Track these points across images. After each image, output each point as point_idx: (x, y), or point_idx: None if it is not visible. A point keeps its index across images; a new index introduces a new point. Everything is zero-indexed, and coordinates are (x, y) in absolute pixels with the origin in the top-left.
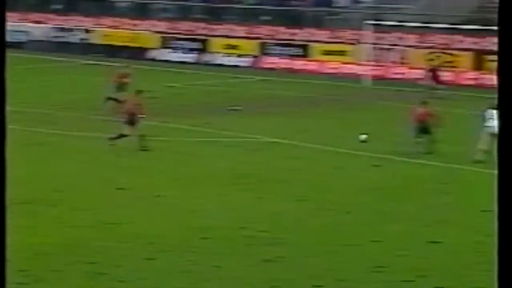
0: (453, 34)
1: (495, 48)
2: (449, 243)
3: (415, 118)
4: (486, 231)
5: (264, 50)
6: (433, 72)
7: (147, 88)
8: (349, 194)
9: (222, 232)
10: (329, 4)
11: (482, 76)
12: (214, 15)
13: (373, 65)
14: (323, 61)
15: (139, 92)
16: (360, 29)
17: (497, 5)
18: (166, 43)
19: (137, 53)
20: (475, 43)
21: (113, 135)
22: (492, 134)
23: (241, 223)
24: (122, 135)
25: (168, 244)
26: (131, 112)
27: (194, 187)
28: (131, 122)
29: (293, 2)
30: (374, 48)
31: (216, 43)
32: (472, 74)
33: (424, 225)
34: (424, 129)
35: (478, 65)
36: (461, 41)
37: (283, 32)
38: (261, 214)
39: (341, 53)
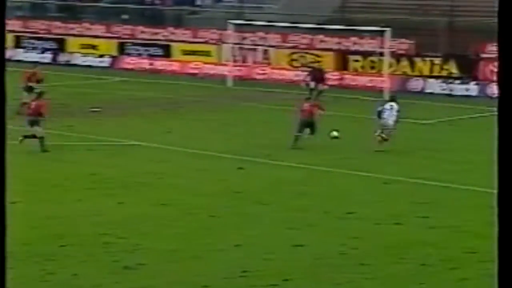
0: (316, 34)
1: (358, 48)
2: (313, 246)
3: (301, 114)
4: (351, 234)
5: (124, 50)
6: (316, 74)
7: None
8: (213, 198)
9: (81, 239)
10: (191, 3)
11: (346, 76)
12: (71, 14)
13: (236, 66)
14: (185, 61)
15: (41, 94)
16: (223, 29)
17: (359, 4)
18: (19, 43)
19: None
20: (338, 43)
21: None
22: (384, 125)
23: (101, 229)
24: (34, 136)
25: (24, 252)
26: (33, 114)
27: (52, 193)
28: (32, 123)
29: (154, 1)
30: (237, 48)
31: (73, 43)
32: (335, 75)
33: (288, 228)
34: (308, 124)
35: (342, 66)
36: (324, 41)
37: (143, 32)
38: (122, 219)
39: (204, 53)
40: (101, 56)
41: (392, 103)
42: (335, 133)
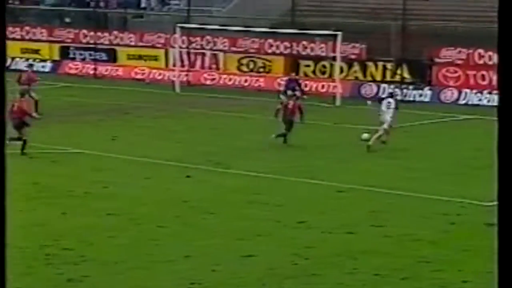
0: (265, 38)
1: (309, 52)
2: (263, 257)
3: (284, 111)
4: (302, 244)
5: (67, 54)
6: (293, 82)
7: None
8: (161, 207)
9: (22, 251)
10: (136, 6)
11: None
12: (11, 17)
13: (184, 71)
14: (130, 66)
15: (23, 94)
16: (170, 33)
17: (309, 8)
18: None
19: None
20: (288, 47)
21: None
22: (383, 121)
23: (43, 241)
24: (19, 138)
25: None
26: (17, 116)
27: None
28: (18, 126)
29: (98, 3)
30: (185, 52)
31: (13, 47)
32: (285, 80)
33: (238, 239)
34: (288, 122)
35: (292, 70)
36: (274, 46)
37: (86, 35)
38: (66, 230)
39: (150, 57)
40: (43, 60)
41: (390, 100)
42: (366, 136)
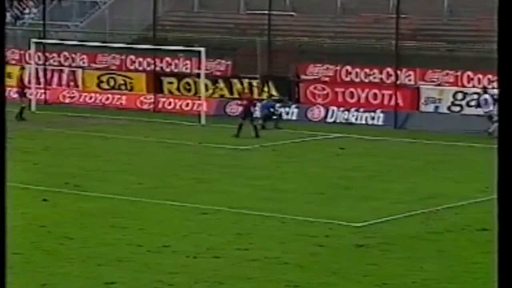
0: (126, 54)
1: (172, 69)
2: (126, 284)
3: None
4: (166, 269)
5: None
6: (248, 102)
7: None
8: (16, 233)
9: None
10: None
11: (160, 99)
12: None
13: (40, 88)
14: None
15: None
16: (24, 49)
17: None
18: None
19: None
20: (150, 63)
21: None
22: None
23: None
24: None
25: None
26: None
27: None
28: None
29: None
30: (41, 69)
31: None
32: (148, 98)
33: (98, 265)
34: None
35: (155, 88)
36: (135, 62)
37: None
38: None
39: (6, 75)
40: None
41: (486, 95)
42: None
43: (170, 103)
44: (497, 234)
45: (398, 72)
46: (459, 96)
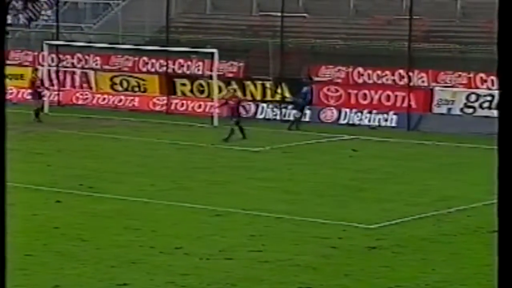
0: (139, 55)
1: (185, 71)
2: (138, 285)
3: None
4: (179, 271)
5: None
6: (235, 103)
7: None
8: (29, 235)
9: None
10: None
11: (173, 101)
12: None
13: (53, 90)
14: None
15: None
16: (38, 50)
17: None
18: None
19: None
20: (163, 65)
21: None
22: None
23: None
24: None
25: None
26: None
27: None
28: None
29: None
30: (54, 71)
31: None
32: (161, 99)
33: (111, 266)
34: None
35: (168, 90)
36: (148, 64)
37: None
38: None
39: (18, 76)
40: None
41: None
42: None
43: (182, 105)
44: (497, 234)
45: (411, 73)
46: (472, 98)
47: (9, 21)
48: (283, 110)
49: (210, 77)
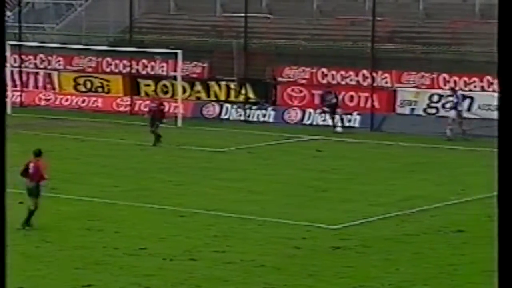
0: (102, 56)
1: (149, 71)
2: (102, 286)
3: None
4: (143, 272)
5: None
6: (157, 105)
7: None
8: None
9: None
10: None
11: (137, 101)
12: None
13: (15, 91)
14: None
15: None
16: None
17: (148, 25)
18: None
19: None
20: (126, 66)
21: None
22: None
23: None
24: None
25: None
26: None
27: None
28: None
29: None
30: (16, 72)
31: None
32: (125, 100)
33: (75, 268)
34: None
35: (131, 90)
36: (112, 64)
37: None
38: None
39: None
40: None
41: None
42: None
43: (146, 106)
44: (497, 234)
45: (374, 74)
46: (435, 98)
47: None
48: (247, 110)
49: (174, 77)
